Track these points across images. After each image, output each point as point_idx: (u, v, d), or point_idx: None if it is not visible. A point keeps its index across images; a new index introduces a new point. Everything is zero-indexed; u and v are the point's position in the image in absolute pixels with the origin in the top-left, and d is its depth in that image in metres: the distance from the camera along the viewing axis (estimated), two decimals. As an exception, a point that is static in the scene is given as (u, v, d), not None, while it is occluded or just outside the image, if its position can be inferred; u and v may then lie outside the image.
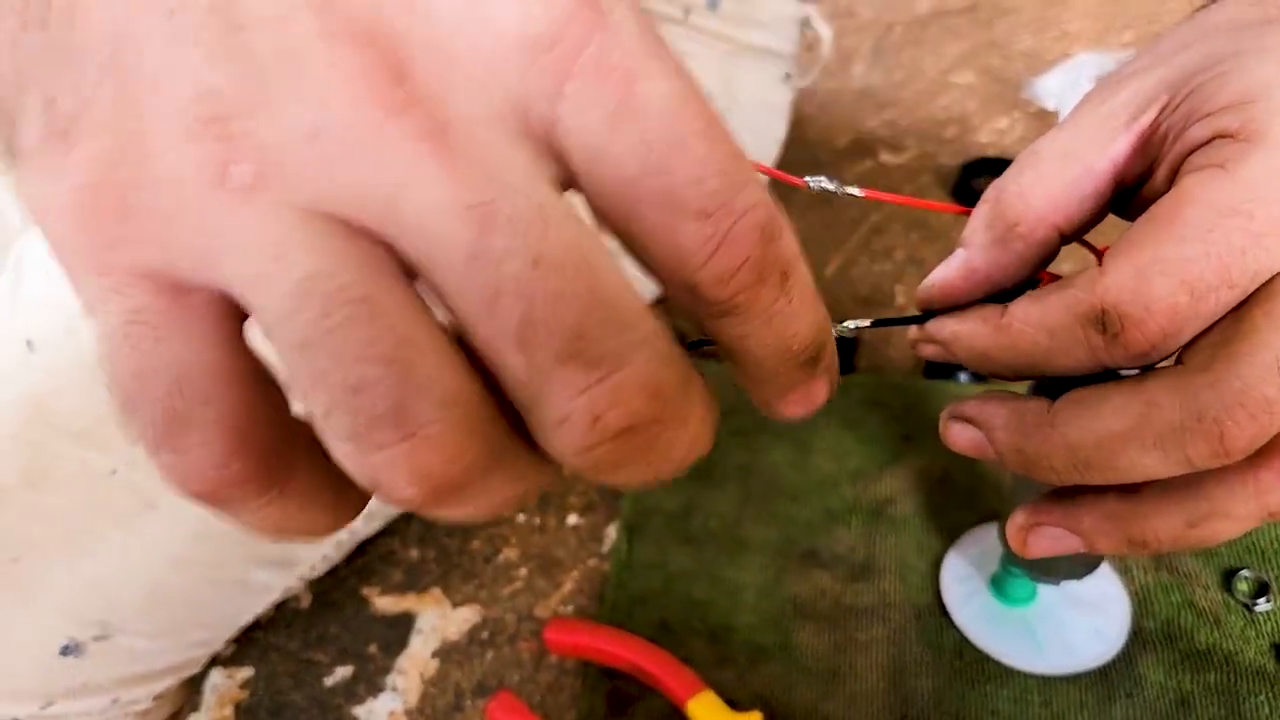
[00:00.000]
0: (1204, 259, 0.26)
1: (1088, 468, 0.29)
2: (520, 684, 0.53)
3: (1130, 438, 0.28)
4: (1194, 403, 0.27)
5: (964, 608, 0.52)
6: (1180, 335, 0.27)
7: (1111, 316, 0.27)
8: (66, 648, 0.49)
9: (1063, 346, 0.29)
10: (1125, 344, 0.27)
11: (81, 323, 0.48)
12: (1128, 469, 0.28)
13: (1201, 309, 0.27)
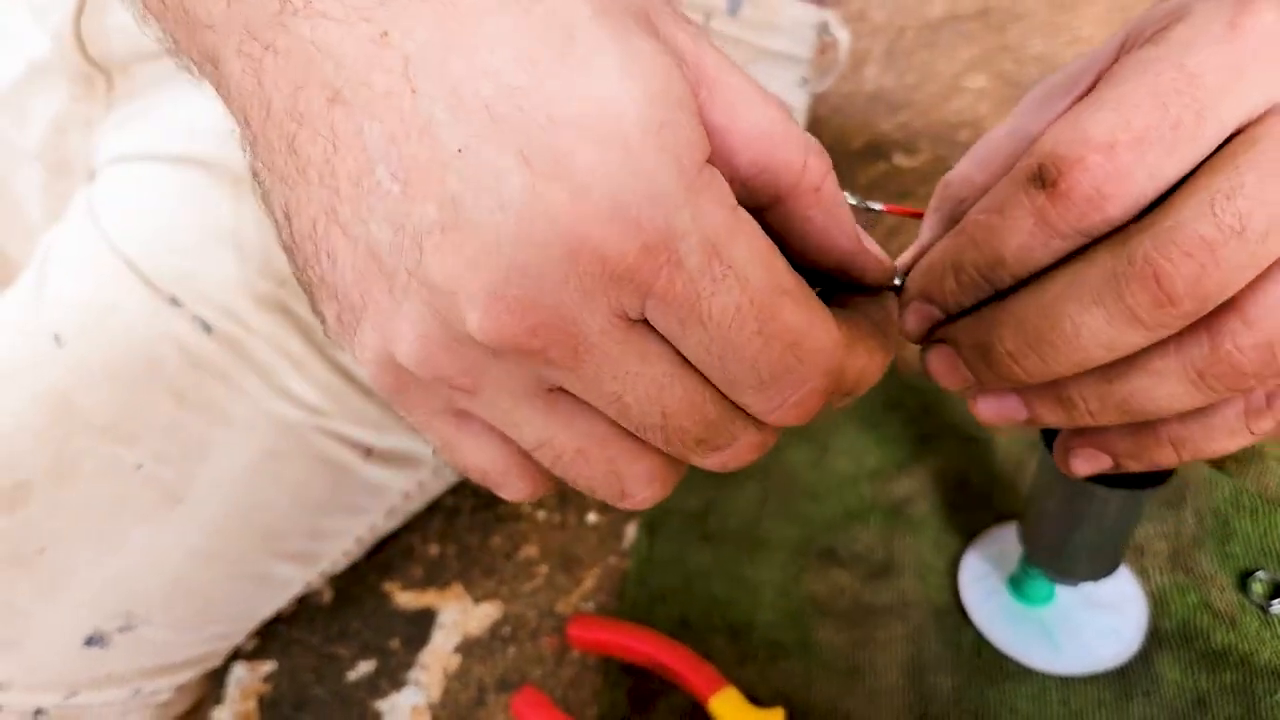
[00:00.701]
0: (1135, 95, 0.25)
1: (1038, 341, 0.27)
2: (542, 679, 0.54)
3: (1070, 295, 0.26)
4: (1126, 248, 0.25)
5: (982, 607, 0.53)
6: (1124, 181, 0.25)
7: (1048, 166, 0.26)
8: (91, 639, 0.49)
9: (1011, 218, 0.27)
10: (1065, 193, 0.25)
11: (110, 320, 0.49)
12: (1074, 333, 0.26)
13: (1144, 150, 0.25)
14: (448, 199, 0.22)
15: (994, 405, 0.31)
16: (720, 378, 0.24)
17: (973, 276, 0.29)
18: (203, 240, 0.50)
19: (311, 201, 0.23)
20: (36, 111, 0.60)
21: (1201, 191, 0.24)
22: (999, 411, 0.32)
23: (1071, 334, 0.26)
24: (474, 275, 0.22)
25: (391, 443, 0.54)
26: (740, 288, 0.23)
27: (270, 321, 0.49)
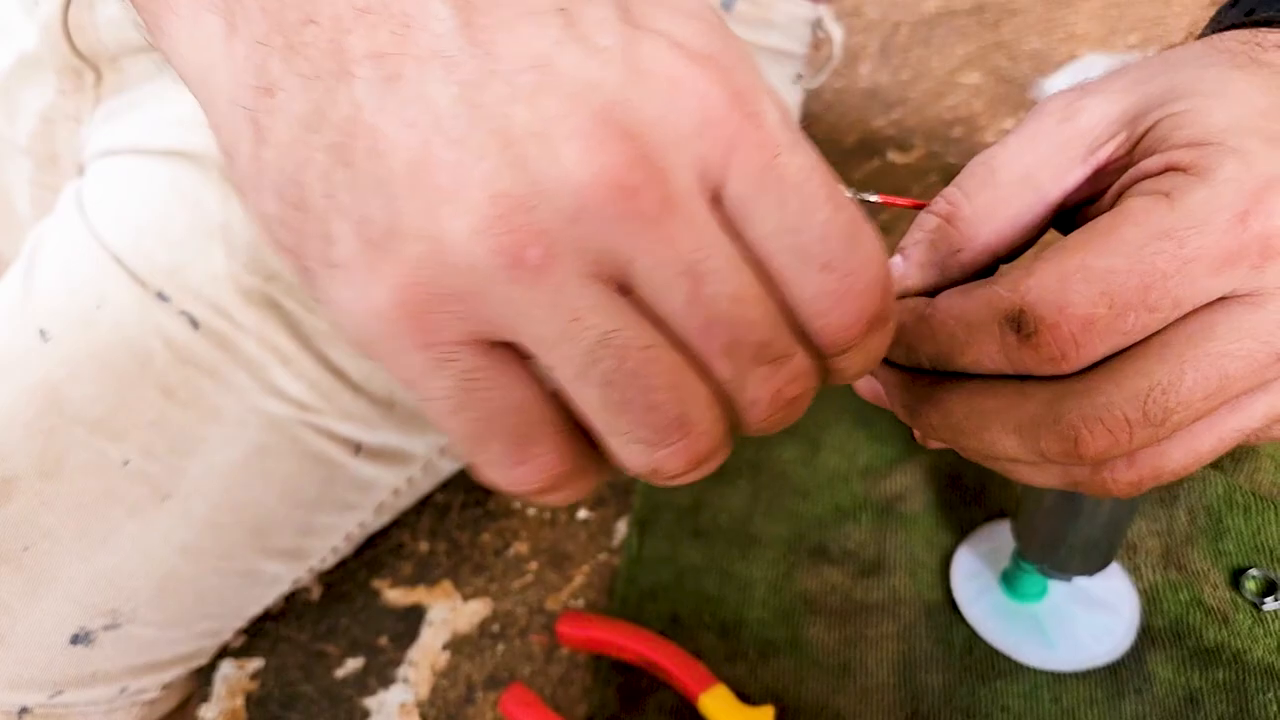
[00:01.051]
0: (1127, 274, 0.26)
1: (956, 432, 0.30)
2: (531, 677, 0.53)
3: (995, 417, 0.29)
4: (1059, 403, 0.27)
5: (974, 604, 0.53)
6: (1091, 349, 0.27)
7: (1027, 317, 0.27)
8: (77, 636, 0.49)
9: (977, 341, 0.29)
10: (1036, 346, 0.27)
11: (97, 314, 0.48)
12: (989, 445, 0.29)
13: (1117, 326, 0.27)
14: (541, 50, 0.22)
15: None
16: (788, 255, 0.23)
17: (918, 359, 0.31)
18: (191, 235, 0.49)
19: (353, 94, 0.22)
20: (25, 105, 0.59)
21: (1142, 378, 0.27)
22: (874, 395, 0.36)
23: (987, 441, 0.29)
24: (571, 113, 0.21)
25: (381, 439, 0.54)
26: (809, 153, 0.23)
27: (258, 317, 0.49)
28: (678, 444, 0.24)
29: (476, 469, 0.25)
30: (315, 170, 0.22)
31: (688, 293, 0.22)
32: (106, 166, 0.54)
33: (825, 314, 0.24)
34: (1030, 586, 0.52)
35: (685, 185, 0.22)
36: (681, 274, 0.22)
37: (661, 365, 0.23)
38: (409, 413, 0.54)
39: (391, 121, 0.22)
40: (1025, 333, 0.27)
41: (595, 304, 0.22)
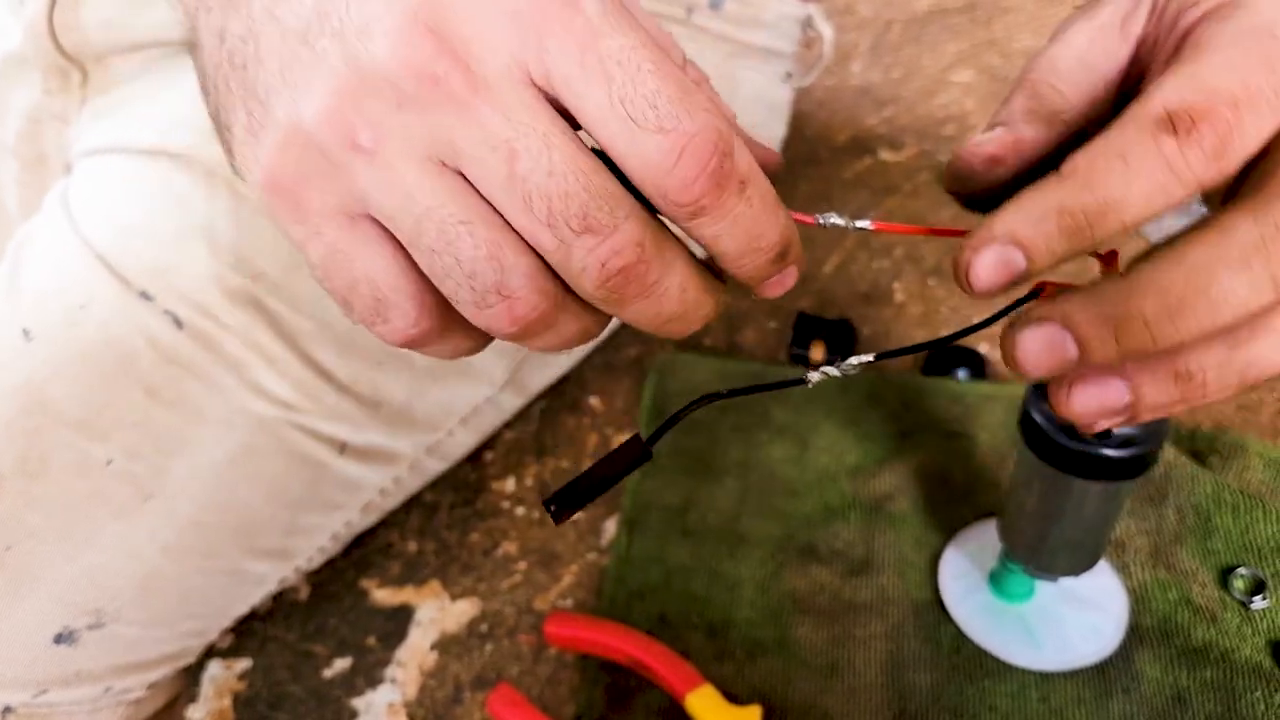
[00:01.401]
0: (1244, 60, 0.27)
1: (1182, 307, 0.27)
2: (519, 677, 0.53)
3: (1217, 262, 0.27)
4: (1269, 215, 0.26)
5: (962, 604, 0.53)
6: (1245, 129, 0.27)
7: (1179, 114, 0.27)
8: (60, 636, 0.49)
9: (1138, 166, 0.27)
10: (1200, 138, 0.27)
11: (82, 314, 0.48)
12: (1221, 299, 0.27)
13: (1256, 110, 0.27)
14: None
15: (1094, 395, 0.30)
16: (619, 127, 0.25)
17: (1079, 222, 0.28)
18: (175, 235, 0.49)
19: (251, 10, 0.27)
20: (11, 104, 0.59)
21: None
22: (1100, 401, 0.30)
23: (1218, 298, 0.27)
24: (386, 12, 0.25)
25: (367, 439, 0.54)
26: (638, 40, 0.26)
27: (243, 317, 0.49)
28: (498, 307, 0.27)
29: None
30: (220, 72, 0.28)
31: (504, 170, 0.25)
32: (92, 166, 0.54)
33: (665, 174, 0.26)
34: (1017, 586, 0.51)
35: (495, 71, 0.25)
36: (496, 152, 0.25)
37: (478, 237, 0.26)
38: (395, 412, 0.54)
39: (270, 31, 0.27)
40: (1184, 129, 0.27)
41: (422, 182, 0.26)
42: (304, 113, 0.26)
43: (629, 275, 0.27)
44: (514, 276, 0.27)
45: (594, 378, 0.68)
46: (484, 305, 0.27)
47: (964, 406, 0.62)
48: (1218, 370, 0.29)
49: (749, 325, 0.71)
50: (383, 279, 0.28)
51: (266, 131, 0.27)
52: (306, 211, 0.27)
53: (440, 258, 0.27)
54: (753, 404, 0.63)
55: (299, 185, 0.27)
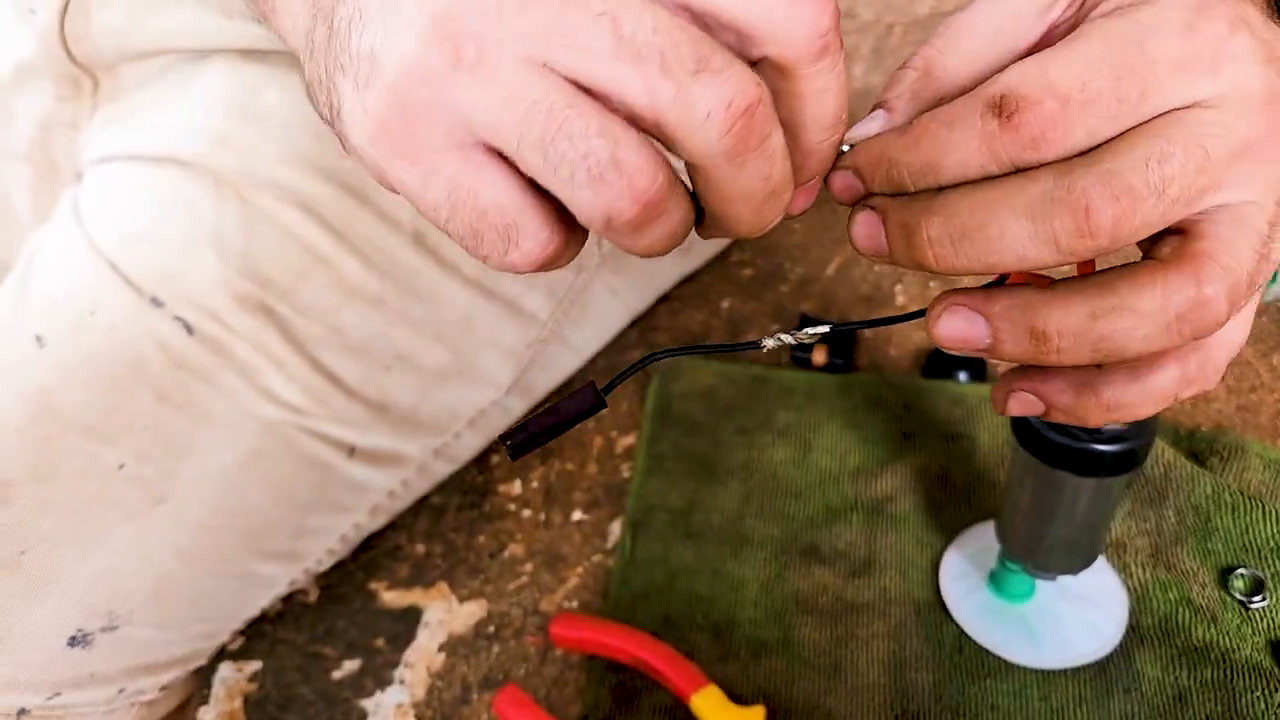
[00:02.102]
0: (1097, 61, 0.28)
1: (961, 235, 0.29)
2: (525, 678, 0.54)
3: (1002, 204, 0.28)
4: (1066, 176, 0.28)
5: (963, 604, 0.53)
6: (1068, 130, 0.28)
7: (1009, 98, 0.28)
8: (74, 639, 0.50)
9: (960, 137, 0.29)
10: (1018, 126, 0.28)
11: (92, 320, 0.49)
12: (997, 237, 0.29)
13: (1092, 109, 0.28)
14: None
15: (958, 327, 0.32)
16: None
17: (902, 175, 0.31)
18: (185, 241, 0.50)
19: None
20: (23, 112, 0.60)
21: (1139, 150, 0.28)
22: (963, 334, 0.32)
23: (995, 236, 0.29)
24: None
25: (375, 442, 0.54)
26: None
27: (252, 322, 0.50)
28: (618, 185, 0.27)
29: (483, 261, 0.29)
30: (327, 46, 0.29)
31: (610, 37, 0.26)
32: (102, 173, 0.54)
33: (782, 33, 0.27)
34: (1017, 586, 0.52)
35: None
36: (599, 24, 0.26)
37: (587, 117, 0.26)
38: (402, 416, 0.55)
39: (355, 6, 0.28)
40: (1007, 113, 0.28)
41: (526, 80, 0.26)
42: (408, 48, 0.27)
43: (752, 117, 0.26)
44: (628, 149, 0.26)
45: (599, 381, 0.68)
46: (603, 185, 0.27)
47: (965, 408, 0.63)
48: (1073, 339, 0.30)
49: (752, 327, 0.71)
50: (510, 201, 0.28)
51: (377, 77, 0.27)
52: (421, 150, 0.28)
53: (553, 146, 0.26)
54: (756, 407, 0.64)
55: (410, 124, 0.27)
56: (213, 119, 0.51)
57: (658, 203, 0.27)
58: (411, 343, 0.53)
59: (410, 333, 0.53)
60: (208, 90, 0.52)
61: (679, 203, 0.28)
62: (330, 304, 0.51)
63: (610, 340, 0.70)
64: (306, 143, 0.50)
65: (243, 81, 0.52)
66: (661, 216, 0.28)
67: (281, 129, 0.51)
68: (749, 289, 0.74)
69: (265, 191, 0.50)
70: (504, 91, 0.26)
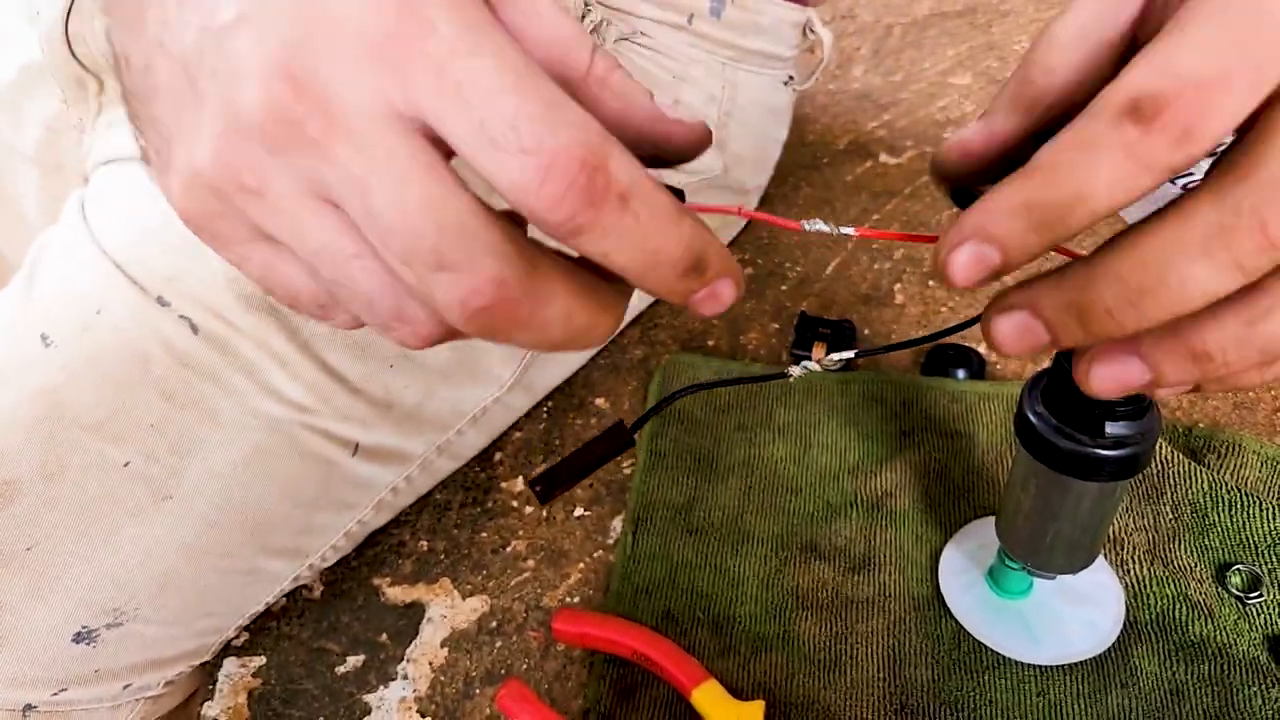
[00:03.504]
0: (1219, 37, 0.26)
1: (1141, 295, 0.27)
2: (528, 672, 0.54)
3: (1175, 248, 0.27)
4: (1229, 200, 0.26)
5: (961, 600, 0.53)
6: (1216, 114, 0.26)
7: (1144, 101, 0.26)
8: (79, 635, 0.50)
9: (1102, 158, 0.27)
10: (1163, 126, 0.26)
11: (98, 319, 0.49)
12: (1180, 286, 0.27)
13: (1230, 89, 0.26)
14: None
15: (1113, 372, 0.30)
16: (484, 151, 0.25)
17: (1048, 216, 0.28)
18: (189, 241, 0.49)
19: (146, 38, 0.27)
20: (30, 114, 0.60)
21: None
22: (1119, 379, 0.31)
23: (1176, 285, 0.27)
24: (252, 55, 0.25)
25: (379, 439, 0.55)
26: (496, 60, 0.25)
27: (257, 321, 0.50)
28: (403, 330, 0.28)
29: None
30: (134, 100, 0.29)
31: (361, 206, 0.25)
32: (108, 174, 0.55)
33: (531, 195, 0.25)
34: (1016, 583, 0.52)
35: (356, 109, 0.25)
36: (354, 190, 0.25)
37: (368, 269, 0.27)
38: (406, 413, 0.55)
39: (162, 64, 0.27)
40: (1147, 117, 0.26)
41: (309, 220, 0.26)
42: (196, 157, 0.27)
43: (493, 313, 0.26)
44: (409, 304, 0.27)
45: (600, 379, 0.69)
46: (390, 329, 0.28)
47: (963, 405, 0.63)
48: (1238, 349, 0.29)
49: (752, 327, 0.72)
50: (305, 289, 0.29)
51: (172, 170, 0.28)
52: (227, 241, 0.28)
53: (340, 287, 0.27)
54: (756, 404, 0.64)
55: (209, 221, 0.28)
56: None
57: (445, 338, 0.28)
58: (414, 341, 0.54)
59: (413, 331, 0.54)
60: None
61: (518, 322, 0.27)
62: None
63: (612, 338, 0.71)
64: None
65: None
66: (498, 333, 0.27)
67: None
68: (749, 288, 0.74)
69: (269, 191, 0.50)
70: (290, 225, 0.27)
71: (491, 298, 0.26)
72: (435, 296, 0.26)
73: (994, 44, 0.95)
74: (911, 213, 0.79)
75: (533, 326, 0.27)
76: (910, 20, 1.01)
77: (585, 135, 0.25)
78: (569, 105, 0.25)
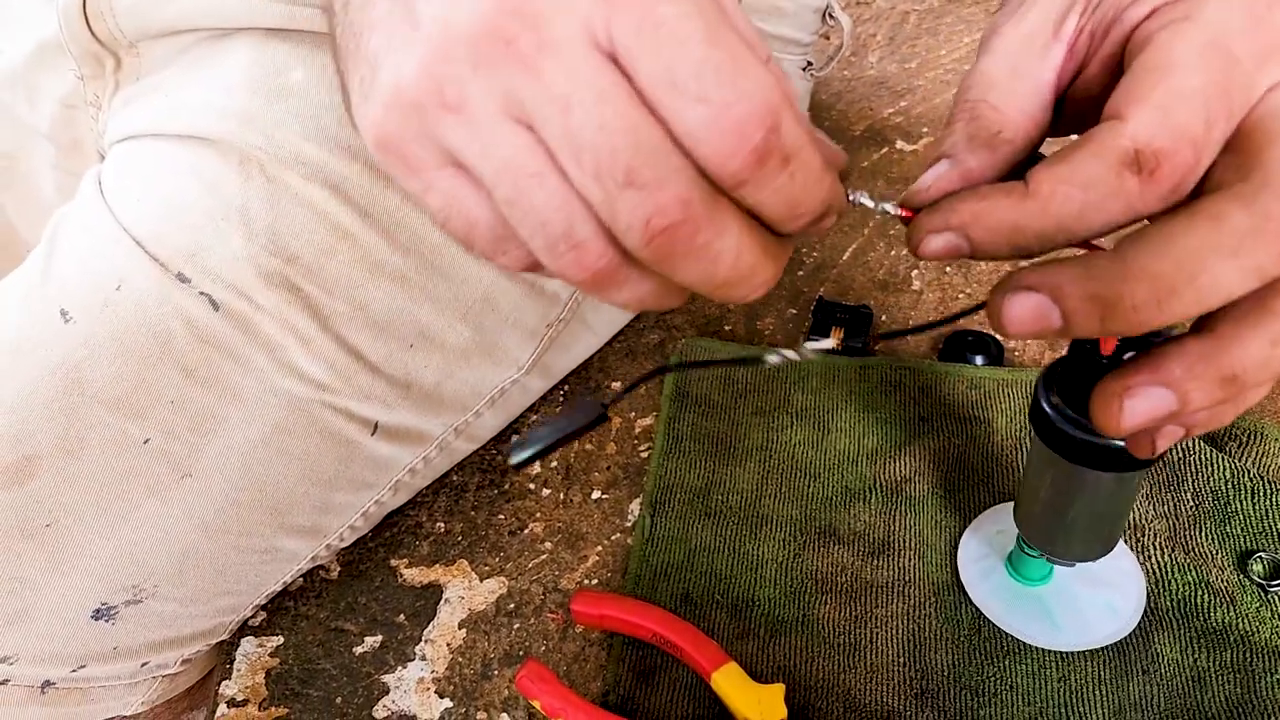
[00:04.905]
0: (1203, 87, 0.29)
1: (1171, 294, 0.28)
2: (546, 654, 0.54)
3: (1208, 250, 0.28)
4: (1254, 204, 0.28)
5: (980, 585, 0.53)
6: (1199, 166, 0.29)
7: (1145, 154, 0.28)
8: (99, 612, 0.50)
9: (1098, 199, 0.29)
10: (1159, 180, 0.28)
11: (118, 295, 0.49)
12: (1209, 287, 0.28)
13: (1211, 138, 0.29)
14: None
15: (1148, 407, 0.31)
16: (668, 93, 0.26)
17: (1030, 240, 0.30)
18: (210, 218, 0.50)
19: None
20: (47, 91, 0.60)
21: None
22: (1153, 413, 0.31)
23: (1207, 285, 0.28)
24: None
25: (398, 419, 0.55)
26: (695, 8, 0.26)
27: (277, 298, 0.50)
28: (569, 256, 0.28)
29: None
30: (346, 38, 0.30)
31: (560, 123, 0.27)
32: (126, 151, 0.54)
33: (704, 143, 0.26)
34: (1035, 569, 0.52)
35: (564, 34, 0.26)
36: (554, 106, 0.26)
37: (548, 188, 0.27)
38: (425, 393, 0.55)
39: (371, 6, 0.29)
40: (1148, 170, 0.28)
41: (499, 137, 0.27)
42: (403, 75, 0.28)
43: (674, 235, 0.27)
44: (582, 226, 0.28)
45: (616, 363, 0.69)
46: (556, 253, 0.28)
47: (981, 392, 0.63)
48: (1262, 369, 0.30)
49: (769, 311, 0.71)
50: (496, 220, 0.29)
51: (375, 93, 0.29)
52: (417, 167, 0.29)
53: (515, 207, 0.28)
54: (773, 389, 0.64)
55: (405, 143, 0.29)
56: (238, 98, 0.51)
57: (609, 275, 0.28)
58: (435, 320, 0.54)
59: (433, 310, 0.54)
60: (233, 69, 0.52)
61: (639, 277, 0.29)
62: (355, 280, 0.51)
63: (628, 323, 0.70)
64: (332, 121, 0.51)
65: (269, 61, 0.52)
66: (621, 285, 0.29)
67: (307, 108, 0.51)
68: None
69: (291, 169, 0.50)
70: (480, 141, 0.28)
71: (675, 217, 0.27)
72: (619, 214, 0.27)
73: (1010, 32, 0.94)
74: (928, 199, 0.78)
75: (706, 256, 0.27)
76: (926, 7, 1.01)
77: (766, 95, 0.26)
78: (755, 63, 0.26)
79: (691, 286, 0.29)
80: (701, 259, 0.28)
